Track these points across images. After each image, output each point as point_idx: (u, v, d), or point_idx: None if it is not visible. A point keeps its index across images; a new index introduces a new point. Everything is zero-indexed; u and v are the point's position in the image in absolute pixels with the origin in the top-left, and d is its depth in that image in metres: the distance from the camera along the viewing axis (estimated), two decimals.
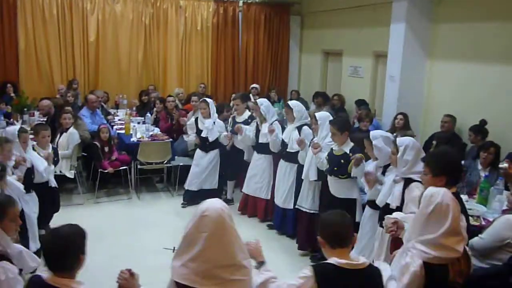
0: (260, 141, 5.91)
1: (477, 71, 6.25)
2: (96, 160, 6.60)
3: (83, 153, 6.86)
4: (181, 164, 6.89)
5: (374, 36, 8.23)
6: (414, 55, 7.02)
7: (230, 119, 6.74)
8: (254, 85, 9.75)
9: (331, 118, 4.91)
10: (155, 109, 7.90)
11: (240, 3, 10.46)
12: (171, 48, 10.11)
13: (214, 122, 6.30)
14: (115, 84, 9.61)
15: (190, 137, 6.67)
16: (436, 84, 7.00)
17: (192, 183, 6.45)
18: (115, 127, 7.62)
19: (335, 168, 4.51)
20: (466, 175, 4.96)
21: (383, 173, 4.01)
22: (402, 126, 6.52)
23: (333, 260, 2.31)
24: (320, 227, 2.44)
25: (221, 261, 2.03)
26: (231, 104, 7.37)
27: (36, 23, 8.92)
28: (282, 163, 5.61)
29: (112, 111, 8.73)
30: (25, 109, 7.62)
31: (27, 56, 8.93)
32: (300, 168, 5.21)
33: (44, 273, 2.19)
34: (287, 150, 5.45)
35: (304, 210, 5.14)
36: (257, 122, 6.09)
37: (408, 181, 3.51)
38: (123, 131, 7.26)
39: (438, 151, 3.90)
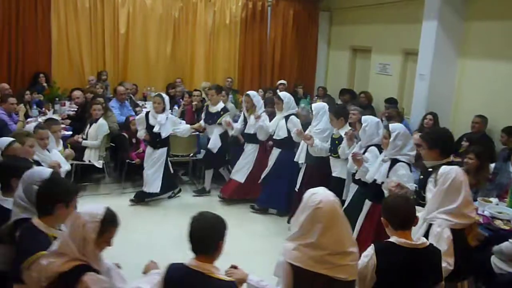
0: (246, 131, 6.31)
1: (510, 70, 6.09)
2: (123, 151, 6.71)
3: (111, 144, 6.98)
4: None
5: (404, 33, 8.10)
6: (445, 53, 6.88)
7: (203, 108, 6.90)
8: (282, 81, 9.72)
9: (326, 108, 5.45)
10: (182, 102, 7.97)
11: None
12: (199, 41, 10.17)
13: (167, 118, 6.20)
14: (143, 76, 9.73)
15: (140, 133, 6.29)
16: (468, 83, 6.85)
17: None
18: None
19: (331, 148, 5.16)
20: (496, 177, 4.85)
21: (364, 153, 4.47)
22: (431, 127, 6.40)
23: (393, 239, 2.53)
24: (385, 210, 2.63)
25: (333, 249, 2.19)
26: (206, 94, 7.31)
27: (69, 15, 9.09)
28: (274, 150, 6.13)
29: (140, 103, 8.84)
30: (57, 99, 7.79)
31: (59, 48, 9.10)
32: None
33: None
34: (274, 137, 6.02)
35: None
36: (244, 114, 6.41)
37: (394, 161, 3.96)
38: None
39: (433, 129, 4.17)
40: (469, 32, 6.77)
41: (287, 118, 5.90)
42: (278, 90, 9.15)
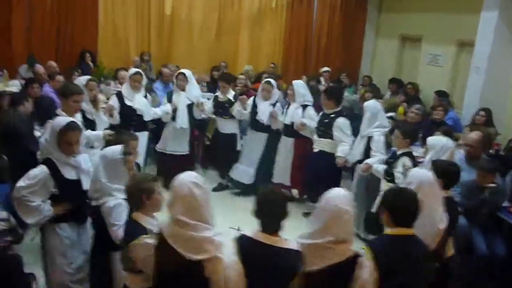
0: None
1: None
2: None
3: (154, 125, 6.99)
4: None
5: (459, 22, 7.72)
6: (504, 47, 6.53)
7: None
8: (326, 68, 9.49)
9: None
10: None
11: None
12: (245, 25, 10.07)
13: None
14: (187, 58, 9.68)
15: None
16: None
17: None
18: None
19: (220, 111, 5.82)
20: None
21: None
22: (483, 123, 6.04)
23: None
24: (389, 202, 2.60)
25: None
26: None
27: None
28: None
29: None
30: (102, 79, 7.87)
31: (105, 27, 9.19)
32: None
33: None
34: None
35: None
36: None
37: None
38: None
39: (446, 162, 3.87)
40: None
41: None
42: (322, 78, 8.99)
